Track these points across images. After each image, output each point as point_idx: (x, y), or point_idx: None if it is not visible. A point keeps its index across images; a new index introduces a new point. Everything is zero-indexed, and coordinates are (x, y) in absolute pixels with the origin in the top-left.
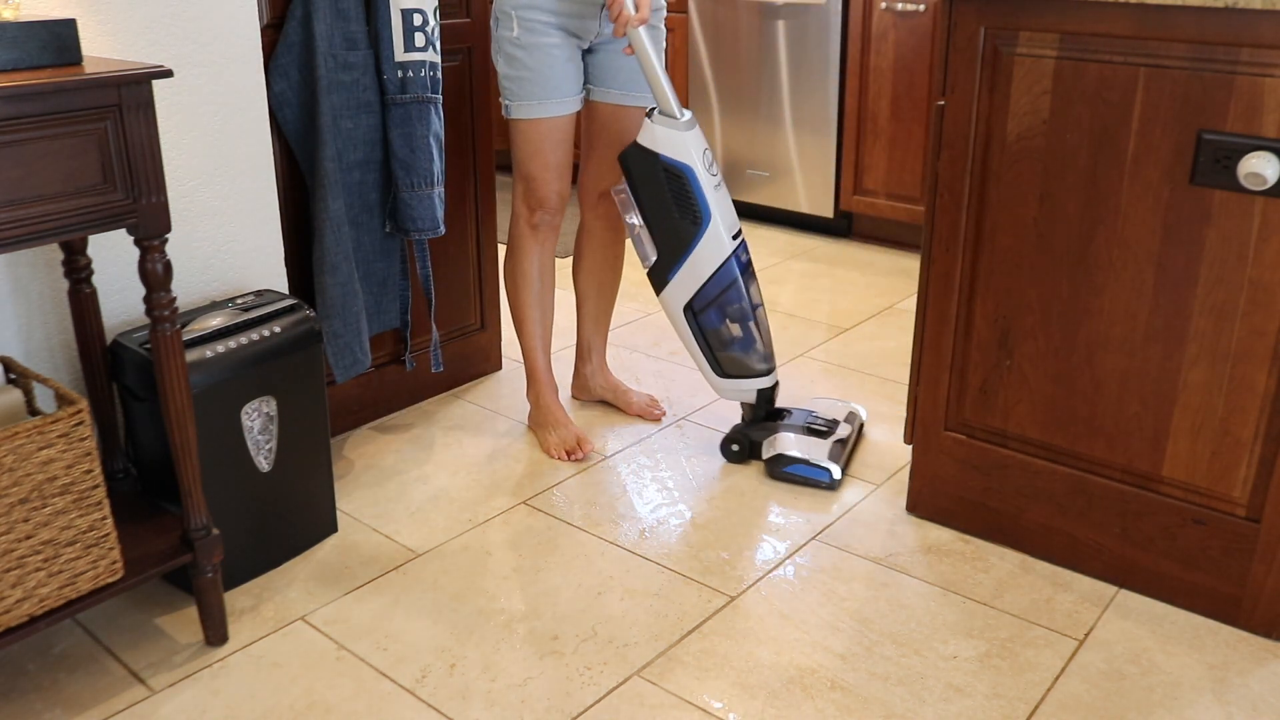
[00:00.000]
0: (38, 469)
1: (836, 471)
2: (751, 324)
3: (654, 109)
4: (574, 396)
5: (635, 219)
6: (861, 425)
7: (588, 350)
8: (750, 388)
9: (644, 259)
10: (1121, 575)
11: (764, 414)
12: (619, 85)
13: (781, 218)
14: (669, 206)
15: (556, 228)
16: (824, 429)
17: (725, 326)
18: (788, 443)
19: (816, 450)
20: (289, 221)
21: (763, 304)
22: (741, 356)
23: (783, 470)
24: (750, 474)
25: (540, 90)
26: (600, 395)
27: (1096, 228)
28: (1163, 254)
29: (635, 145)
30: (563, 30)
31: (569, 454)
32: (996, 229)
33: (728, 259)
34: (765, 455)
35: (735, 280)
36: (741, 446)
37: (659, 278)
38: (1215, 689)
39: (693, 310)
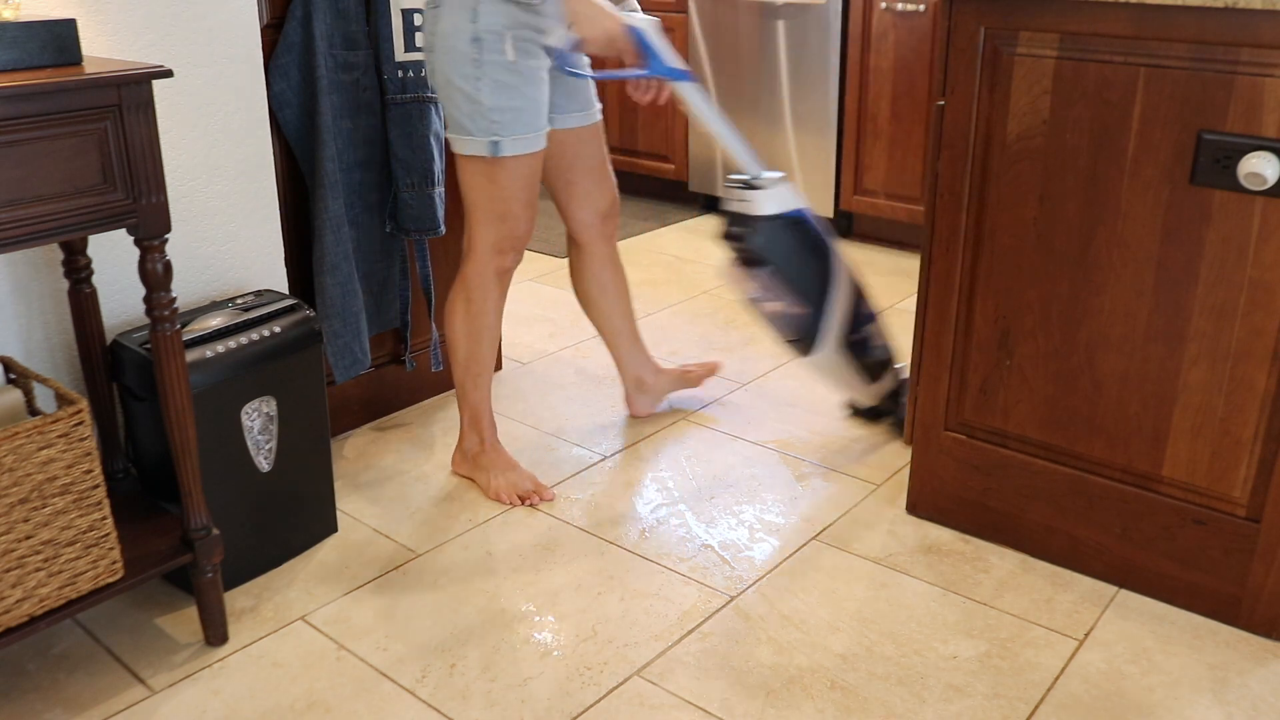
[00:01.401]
0: (38, 469)
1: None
2: (877, 314)
3: (738, 177)
4: (636, 415)
5: (774, 295)
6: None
7: (639, 368)
8: (890, 373)
9: (790, 328)
10: (1121, 575)
11: (903, 392)
12: (578, 107)
13: None
14: (804, 258)
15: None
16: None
17: (865, 330)
18: None
19: None
20: (289, 221)
21: None
22: (878, 353)
23: None
24: (751, 473)
25: (536, 120)
26: (669, 392)
27: (1096, 228)
28: (1163, 254)
29: (763, 221)
30: (545, 48)
31: (524, 499)
32: (996, 229)
33: (848, 267)
34: None
35: (860, 283)
36: None
37: (815, 332)
38: (1215, 689)
39: (845, 342)
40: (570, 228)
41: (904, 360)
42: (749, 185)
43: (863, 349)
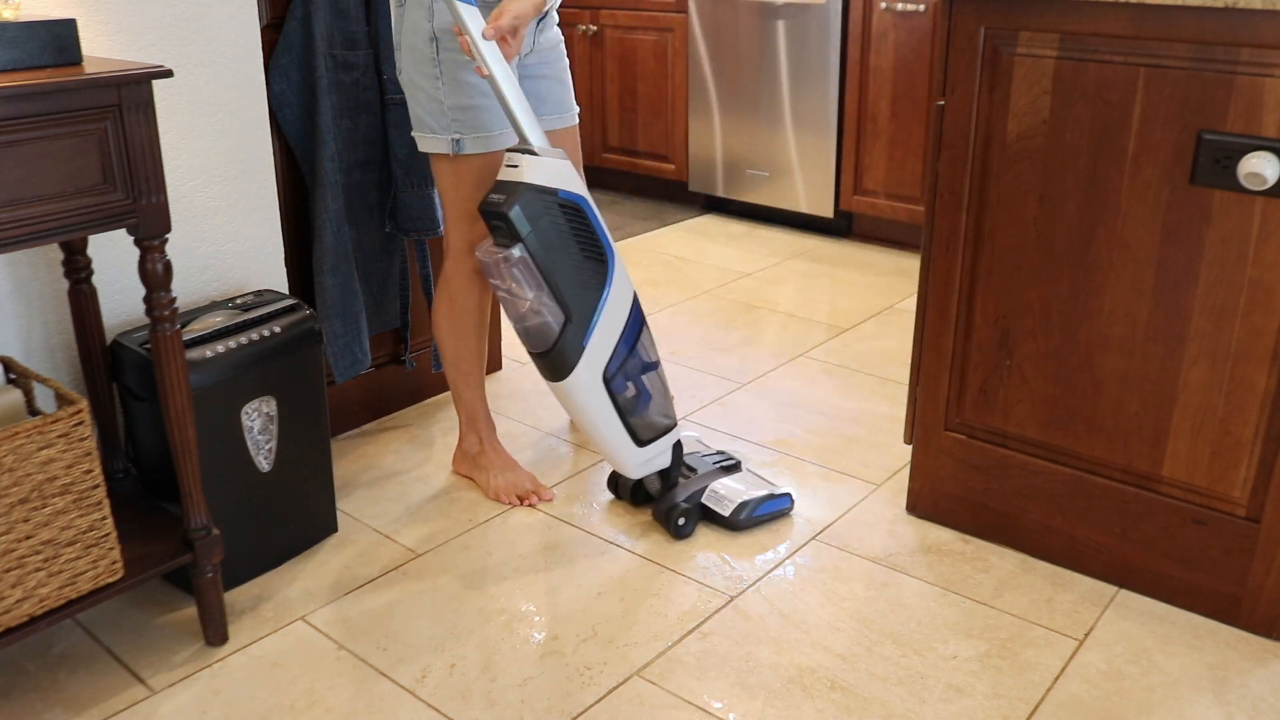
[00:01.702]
0: (38, 469)
1: (793, 491)
2: (659, 368)
3: (519, 145)
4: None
5: (528, 288)
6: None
7: None
8: (666, 446)
9: (543, 337)
10: (1121, 575)
11: (676, 472)
12: (550, 110)
13: (781, 218)
14: (571, 254)
15: None
16: (731, 460)
17: (640, 380)
18: (734, 490)
19: (757, 482)
20: (289, 221)
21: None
22: (654, 414)
23: (754, 515)
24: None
25: (495, 119)
26: None
27: (1096, 228)
28: (1163, 254)
29: (528, 189)
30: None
31: (522, 499)
32: (996, 229)
33: (634, 296)
34: (727, 511)
35: (644, 319)
36: (690, 518)
37: (571, 349)
38: (1215, 689)
39: (608, 378)
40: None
41: (691, 433)
42: (524, 151)
43: (636, 404)
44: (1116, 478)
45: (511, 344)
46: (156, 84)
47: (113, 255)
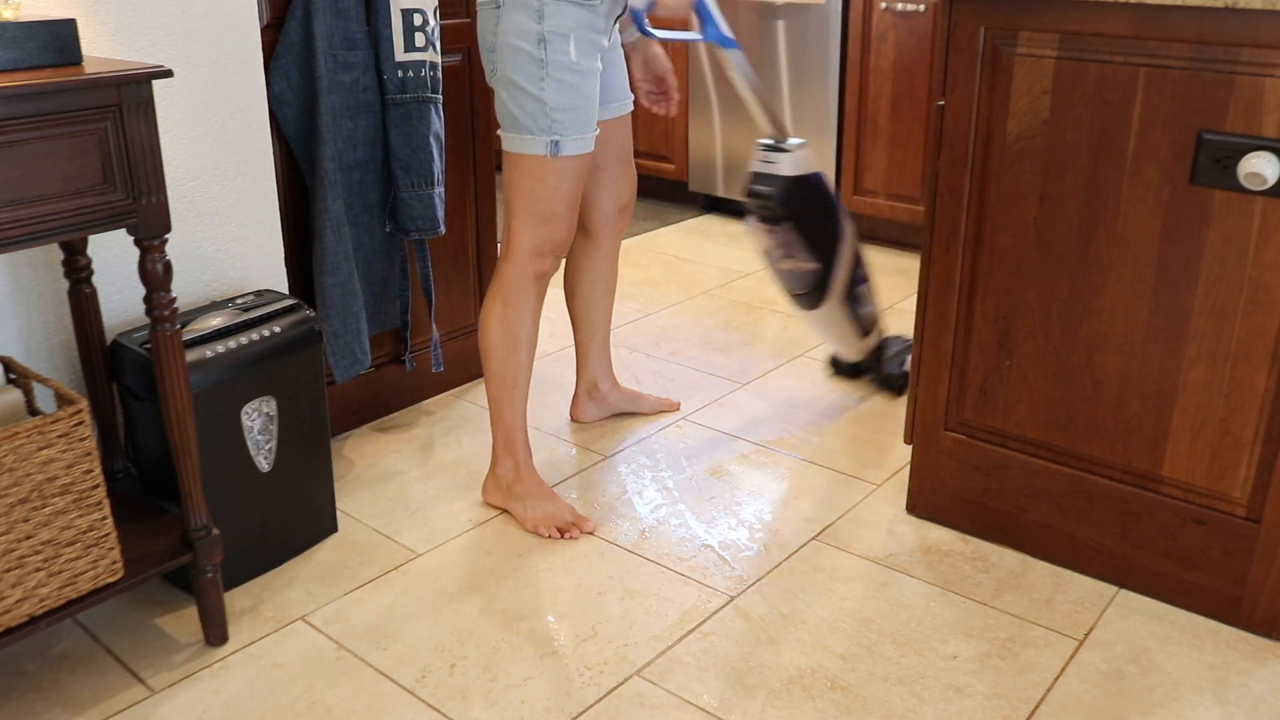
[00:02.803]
0: (38, 469)
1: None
2: (868, 279)
3: (766, 141)
4: (576, 420)
5: (789, 255)
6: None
7: (598, 372)
8: (879, 327)
9: (800, 284)
10: (1121, 575)
11: (879, 346)
12: (615, 98)
13: None
14: (817, 216)
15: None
16: (909, 339)
17: (860, 286)
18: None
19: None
20: (289, 221)
21: None
22: (870, 309)
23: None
24: (750, 473)
25: (591, 120)
26: (617, 410)
27: (1096, 228)
28: (1163, 254)
29: (791, 180)
30: (600, 49)
31: (563, 532)
32: (996, 229)
33: (850, 232)
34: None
35: (857, 244)
36: (906, 381)
37: (821, 287)
38: (1215, 689)
39: (847, 295)
40: (585, 215)
41: (884, 322)
42: (775, 149)
43: (859, 307)
44: (1116, 478)
45: None
46: (156, 84)
47: (113, 255)
